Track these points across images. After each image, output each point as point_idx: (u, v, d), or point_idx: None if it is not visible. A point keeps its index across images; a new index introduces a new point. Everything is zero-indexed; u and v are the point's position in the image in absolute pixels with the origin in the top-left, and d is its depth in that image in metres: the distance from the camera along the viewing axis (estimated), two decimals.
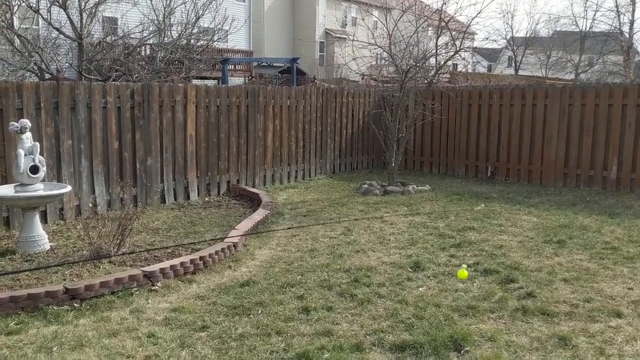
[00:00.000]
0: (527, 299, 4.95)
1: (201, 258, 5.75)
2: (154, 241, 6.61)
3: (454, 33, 10.59)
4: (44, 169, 6.21)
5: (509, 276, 5.49)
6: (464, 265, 5.25)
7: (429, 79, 11.23)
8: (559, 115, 10.80)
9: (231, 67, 23.60)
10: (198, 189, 9.20)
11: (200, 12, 13.26)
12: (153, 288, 5.16)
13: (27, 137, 6.13)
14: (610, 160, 10.30)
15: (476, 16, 10.70)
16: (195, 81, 15.38)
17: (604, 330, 4.34)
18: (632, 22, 32.82)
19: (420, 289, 5.21)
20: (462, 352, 3.95)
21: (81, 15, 11.64)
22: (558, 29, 44.99)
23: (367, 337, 4.19)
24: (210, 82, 19.69)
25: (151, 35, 13.31)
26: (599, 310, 4.71)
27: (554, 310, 4.71)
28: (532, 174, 11.19)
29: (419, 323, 4.40)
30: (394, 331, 4.28)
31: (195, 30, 13.58)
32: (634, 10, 34.35)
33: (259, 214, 7.84)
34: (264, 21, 35.08)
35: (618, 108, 10.20)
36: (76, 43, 12.02)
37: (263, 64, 26.84)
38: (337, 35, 36.98)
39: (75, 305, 4.72)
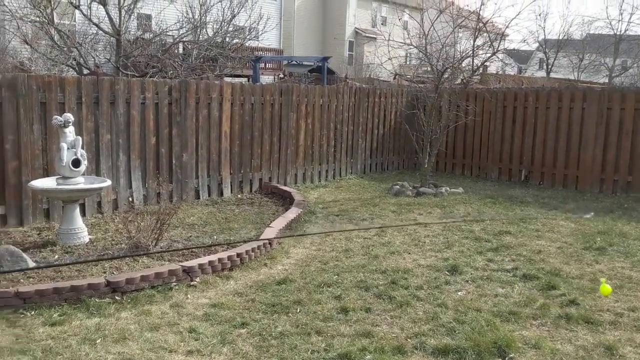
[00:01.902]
0: (570, 306, 4.86)
1: (238, 255, 5.77)
2: (190, 236, 6.66)
3: (490, 35, 10.45)
4: (85, 162, 6.30)
5: (550, 282, 5.39)
6: (603, 280, 4.45)
7: (464, 80, 11.10)
8: (597, 119, 10.59)
9: (262, 65, 23.68)
10: (231, 185, 9.25)
11: (236, 10, 13.34)
12: (192, 283, 5.19)
13: (70, 131, 6.23)
14: None
15: (515, 17, 10.55)
16: (227, 79, 15.46)
17: None
18: None
19: (459, 293, 5.15)
20: (506, 358, 3.89)
21: (120, 11, 11.80)
22: (592, 31, 44.18)
23: (409, 340, 4.16)
24: (242, 80, 19.80)
25: (187, 33, 13.42)
26: None
27: (598, 318, 4.61)
28: (567, 178, 10.99)
29: (461, 327, 4.35)
30: (435, 335, 4.24)
31: (230, 29, 13.67)
32: None
33: (292, 213, 7.84)
34: (294, 20, 35.15)
35: None
36: (114, 39, 12.19)
37: (293, 62, 26.87)
38: (368, 34, 36.87)
39: (117, 298, 4.78)
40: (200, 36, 13.47)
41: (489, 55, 10.46)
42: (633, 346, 4.15)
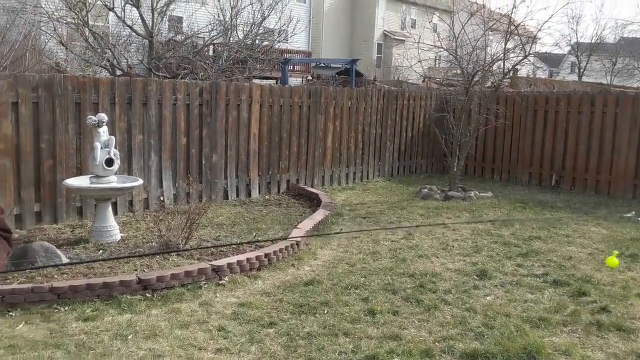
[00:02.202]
0: (602, 313, 4.78)
1: (266, 255, 5.82)
2: (218, 236, 6.73)
3: (522, 38, 10.34)
4: (118, 162, 6.43)
5: (581, 289, 5.31)
6: (615, 252, 4.52)
7: (496, 83, 10.99)
8: (630, 124, 10.38)
9: (290, 67, 23.81)
10: (259, 186, 9.32)
11: (266, 12, 13.45)
12: (220, 282, 5.25)
13: (104, 130, 6.36)
14: None
15: (547, 20, 10.42)
16: (255, 81, 15.60)
17: None
18: None
19: (488, 298, 5.11)
20: None
21: (153, 14, 12.00)
22: (625, 35, 43.29)
23: (436, 343, 4.14)
24: (270, 82, 19.93)
25: (218, 35, 13.58)
26: None
27: (630, 326, 4.53)
28: (599, 184, 10.80)
29: (489, 332, 4.31)
30: (463, 339, 4.21)
31: (260, 31, 13.79)
32: None
33: (319, 214, 7.86)
34: (323, 22, 35.24)
35: None
36: (146, 41, 12.40)
37: (321, 64, 26.94)
38: (397, 37, 36.77)
39: (147, 295, 4.86)
40: (231, 38, 13.62)
41: (520, 58, 10.34)
42: None
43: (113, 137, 6.41)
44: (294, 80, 25.25)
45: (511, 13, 10.15)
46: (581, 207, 9.41)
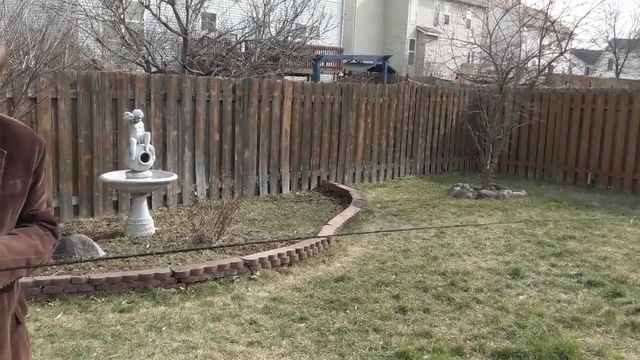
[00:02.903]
0: (637, 314, 4.69)
1: (297, 250, 5.87)
2: (250, 231, 6.81)
3: (558, 34, 10.15)
4: (154, 157, 6.55)
5: (616, 290, 5.22)
6: None
7: (531, 81, 10.82)
8: None
9: (322, 64, 23.83)
10: (290, 183, 9.38)
11: (299, 9, 13.49)
12: (252, 277, 5.32)
13: (140, 126, 6.48)
14: None
15: (584, 16, 10.20)
16: (287, 77, 15.67)
17: None
18: None
19: (520, 297, 5.06)
20: None
21: (187, 11, 12.15)
22: None
23: (467, 342, 4.13)
24: (302, 79, 19.99)
25: (251, 32, 13.68)
26: None
27: None
28: (636, 183, 10.55)
29: (521, 332, 4.28)
30: (494, 338, 4.19)
31: (292, 28, 13.84)
32: None
33: (350, 211, 7.88)
34: (355, 18, 35.13)
35: None
36: (181, 38, 12.58)
37: (353, 61, 26.89)
38: (429, 33, 36.46)
39: (181, 288, 4.96)
40: (263, 35, 13.71)
41: (555, 55, 10.16)
42: None
43: (149, 133, 6.53)
44: (326, 77, 25.27)
45: (547, 9, 9.98)
46: (617, 207, 9.21)
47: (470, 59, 21.52)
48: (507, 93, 10.30)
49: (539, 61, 10.26)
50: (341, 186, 9.64)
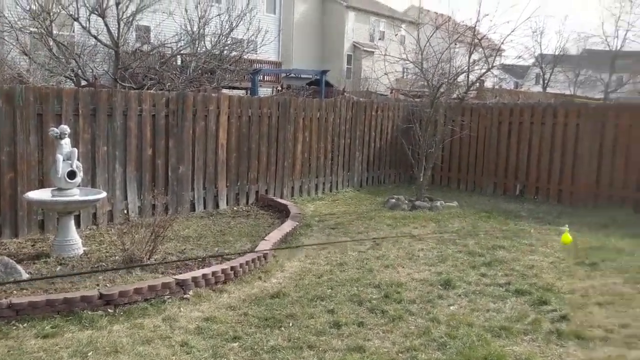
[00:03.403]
0: (561, 321, 4.88)
1: (232, 268, 5.78)
2: (184, 249, 6.67)
3: (486, 50, 10.54)
4: (81, 174, 6.33)
5: (542, 298, 5.42)
6: (566, 229, 5.50)
7: (460, 95, 11.18)
8: (591, 135, 10.66)
9: (260, 77, 23.81)
10: (227, 198, 9.27)
11: (234, 23, 13.45)
12: (185, 296, 5.20)
13: (66, 142, 6.26)
14: None
15: (510, 34, 10.64)
16: (224, 91, 15.54)
17: None
18: None
19: (451, 308, 5.17)
20: None
21: (119, 23, 11.89)
22: (588, 47, 44.52)
23: (400, 354, 4.18)
24: (240, 92, 19.88)
25: (186, 45, 13.52)
26: (636, 337, 4.62)
27: (588, 334, 4.63)
28: (562, 193, 11.04)
29: (452, 342, 4.36)
30: (426, 350, 4.26)
31: (228, 41, 13.77)
32: None
33: (287, 225, 7.86)
34: (293, 33, 35.36)
35: None
36: (112, 51, 12.27)
37: (291, 75, 27.01)
38: (366, 48, 37.10)
39: (109, 310, 4.79)
40: (199, 48, 13.57)
41: (484, 71, 10.54)
42: None
43: (75, 150, 6.31)
44: (264, 91, 25.25)
45: (475, 26, 10.34)
46: (544, 216, 9.60)
47: (404, 75, 22.01)
48: (438, 107, 10.59)
49: (468, 76, 10.61)
50: (280, 200, 9.61)
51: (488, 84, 23.39)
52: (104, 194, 6.67)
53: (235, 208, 9.24)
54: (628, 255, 7.13)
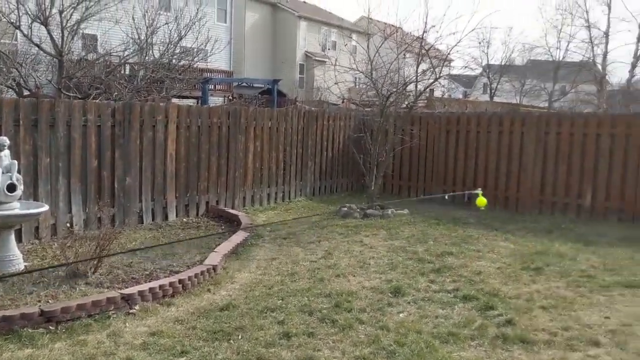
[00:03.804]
0: (507, 326, 4.99)
1: (180, 281, 5.68)
2: (131, 262, 6.50)
3: (433, 61, 10.77)
4: (21, 187, 6.11)
5: (488, 303, 5.53)
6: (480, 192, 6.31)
7: (409, 105, 11.37)
8: (535, 143, 11.00)
9: (211, 86, 23.61)
10: (177, 209, 9.12)
11: (183, 32, 13.29)
12: (131, 311, 5.07)
13: (5, 154, 6.03)
14: (585, 189, 10.51)
15: (456, 45, 10.91)
16: (175, 100, 15.33)
17: None
18: (605, 54, 33.82)
19: (401, 315, 5.22)
20: None
21: (62, 32, 11.57)
22: (532, 57, 46.12)
23: None
24: (190, 102, 19.65)
25: (133, 54, 13.27)
26: (577, 339, 4.76)
27: (533, 338, 4.75)
28: (508, 200, 11.34)
29: (401, 350, 4.40)
30: (375, 358, 4.28)
31: (177, 50, 13.60)
32: (607, 43, 35.41)
33: (238, 236, 7.79)
34: (245, 42, 35.27)
35: (592, 137, 10.44)
36: (56, 60, 11.93)
37: (243, 84, 26.91)
38: (318, 58, 37.33)
39: (51, 328, 4.62)
40: (147, 57, 13.34)
41: (431, 81, 10.76)
42: None
43: (15, 162, 6.08)
44: (216, 100, 25.05)
45: (422, 37, 10.55)
46: (491, 222, 9.82)
47: (356, 84, 22.27)
48: (388, 117, 10.73)
49: (416, 86, 10.81)
50: (231, 211, 9.52)
51: (437, 93, 23.91)
52: (46, 207, 6.46)
53: (185, 219, 9.09)
54: (570, 260, 7.36)
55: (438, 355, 4.23)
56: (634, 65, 32.28)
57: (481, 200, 6.33)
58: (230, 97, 26.22)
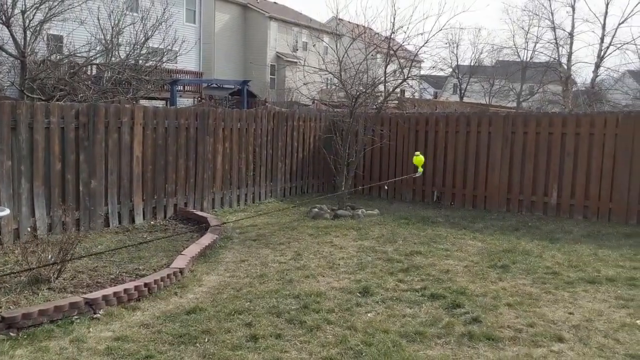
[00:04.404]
0: (473, 324, 5.03)
1: (146, 284, 5.60)
2: (96, 266, 6.39)
3: (402, 61, 10.83)
4: None
5: (456, 301, 5.57)
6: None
7: (377, 106, 11.42)
8: (502, 143, 11.16)
9: (180, 88, 23.36)
10: (144, 212, 8.99)
11: (150, 33, 13.13)
12: (95, 316, 4.98)
13: None
14: (551, 187, 10.69)
15: (423, 45, 10.99)
16: (143, 102, 15.14)
17: (547, 355, 4.46)
18: (569, 55, 34.50)
19: (369, 315, 5.22)
20: None
21: (25, 32, 11.33)
22: (501, 58, 46.82)
23: None
24: (159, 103, 19.41)
25: (98, 55, 13.05)
26: (541, 335, 4.83)
27: (498, 335, 4.80)
28: (476, 199, 11.48)
29: (368, 350, 4.40)
30: (342, 359, 4.27)
31: (144, 51, 13.42)
32: (571, 44, 36.14)
33: (206, 239, 7.71)
34: (214, 43, 35.02)
35: (558, 136, 10.63)
36: (19, 61, 11.66)
37: (213, 85, 26.69)
38: (288, 59, 37.30)
39: (12, 334, 4.51)
40: (113, 58, 13.13)
41: (400, 81, 10.82)
42: None
43: None
44: (185, 101, 24.82)
45: (390, 37, 10.60)
46: (459, 221, 9.93)
47: (327, 85, 22.30)
48: (358, 117, 10.76)
49: (385, 87, 10.86)
50: (199, 213, 9.43)
51: (408, 94, 24.11)
52: (7, 211, 6.27)
53: (152, 222, 8.97)
54: (536, 257, 7.48)
55: (405, 354, 4.25)
56: (597, 66, 33.02)
57: (418, 159, 7.54)
58: (200, 98, 25.99)
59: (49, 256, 5.68)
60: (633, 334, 4.90)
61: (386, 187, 9.39)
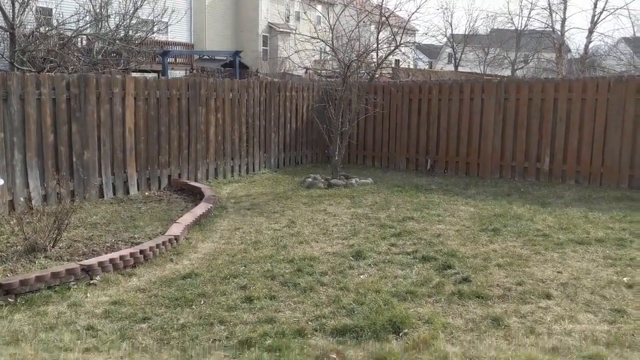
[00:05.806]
0: (463, 283, 5.14)
1: (142, 251, 5.67)
2: (92, 235, 6.46)
3: (394, 29, 10.78)
4: None
5: (446, 262, 5.67)
6: None
7: (370, 74, 11.39)
8: (495, 110, 11.18)
9: (172, 60, 23.18)
10: (138, 183, 9.03)
11: (139, 3, 12.98)
12: (92, 282, 5.06)
13: None
14: (543, 153, 10.76)
15: (415, 12, 11.01)
16: (134, 74, 15.02)
17: (534, 311, 4.57)
18: (563, 21, 34.20)
19: (361, 277, 5.32)
20: (400, 334, 4.08)
21: (13, 4, 11.19)
22: (495, 26, 46.47)
23: (309, 323, 4.27)
24: (151, 75, 19.26)
25: (87, 26, 12.92)
26: (530, 292, 4.94)
27: (488, 293, 4.91)
28: (469, 166, 11.55)
29: (360, 308, 4.50)
30: (335, 317, 4.37)
31: (133, 22, 13.28)
32: (565, 9, 35.90)
33: (201, 208, 7.77)
34: (206, 14, 34.60)
35: (550, 102, 10.66)
36: (8, 33, 11.55)
37: (205, 57, 26.50)
38: (281, 29, 36.91)
39: (10, 300, 4.59)
40: (102, 29, 13.00)
41: (392, 48, 10.78)
42: (518, 316, 4.46)
43: None
44: (177, 73, 24.62)
45: (382, 4, 10.53)
46: (452, 188, 10.01)
47: (320, 55, 22.17)
48: (350, 86, 10.74)
49: (377, 54, 10.82)
50: (193, 184, 9.47)
51: (403, 63, 23.97)
52: (1, 182, 6.33)
53: (147, 193, 9.02)
54: (527, 221, 7.58)
55: (395, 312, 4.35)
56: (590, 31, 32.81)
57: None
58: (192, 70, 25.82)
59: (44, 226, 5.73)
60: (619, 291, 5.02)
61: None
